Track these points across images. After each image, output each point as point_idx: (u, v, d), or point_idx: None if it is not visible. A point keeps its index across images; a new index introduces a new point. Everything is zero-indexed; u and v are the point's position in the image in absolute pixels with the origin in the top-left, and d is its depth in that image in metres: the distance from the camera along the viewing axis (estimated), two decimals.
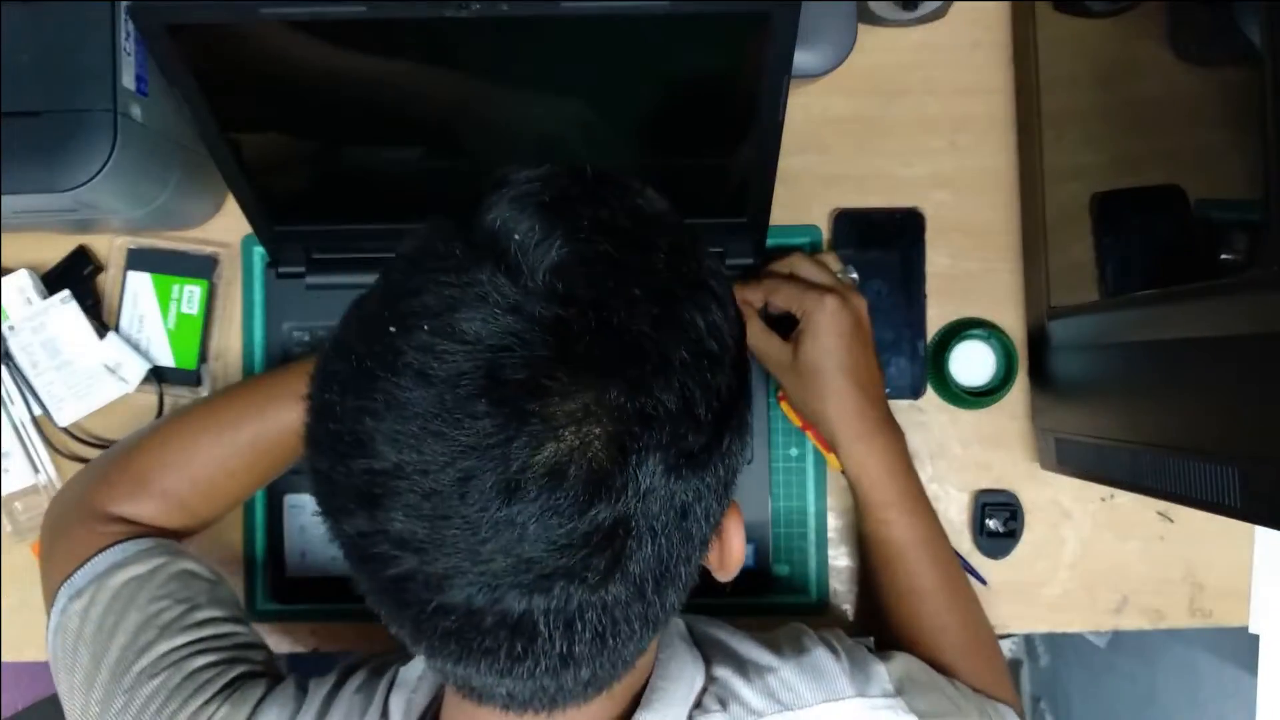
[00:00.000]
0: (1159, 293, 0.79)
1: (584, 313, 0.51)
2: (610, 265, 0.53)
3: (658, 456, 0.52)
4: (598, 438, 0.50)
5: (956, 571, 0.98)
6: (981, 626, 0.98)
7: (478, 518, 0.50)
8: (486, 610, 0.52)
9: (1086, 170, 0.95)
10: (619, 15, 0.78)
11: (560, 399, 0.49)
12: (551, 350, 0.50)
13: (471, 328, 0.50)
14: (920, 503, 0.97)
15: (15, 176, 0.86)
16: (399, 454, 0.50)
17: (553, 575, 0.51)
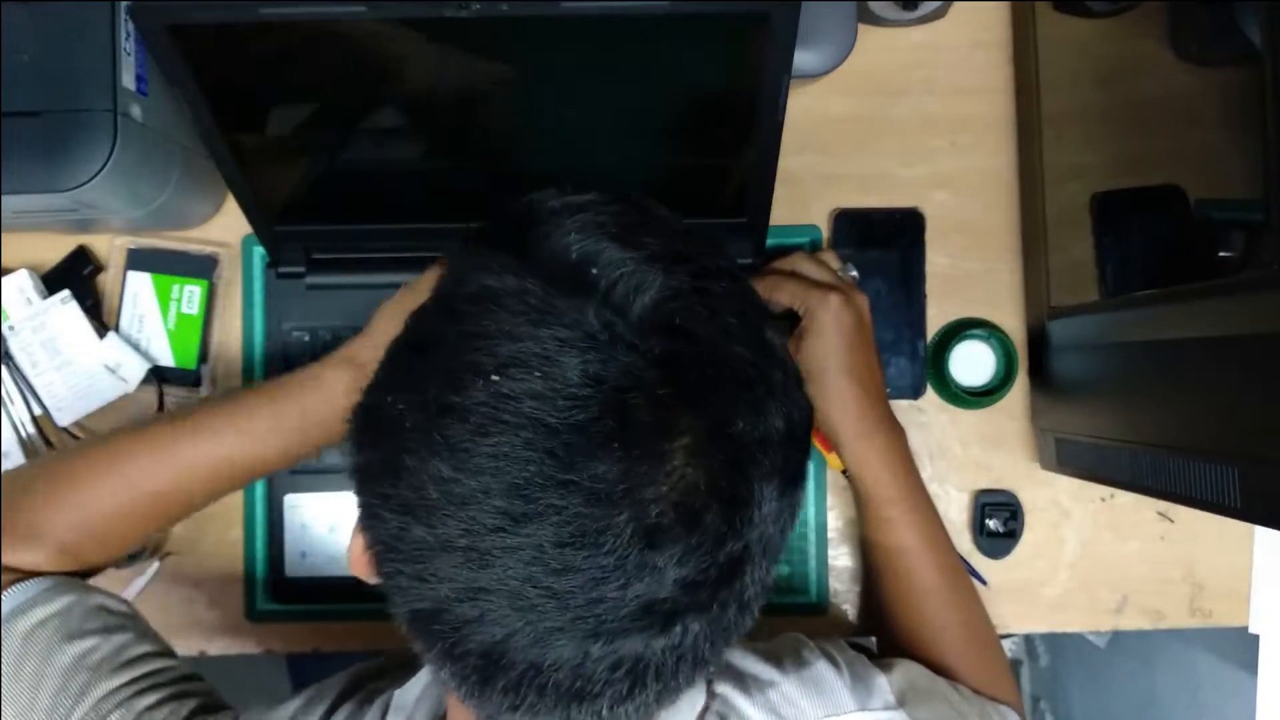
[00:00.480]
0: (1159, 293, 0.79)
1: (693, 345, 0.50)
2: (699, 294, 0.52)
3: (775, 481, 0.52)
4: (722, 470, 0.50)
5: (959, 571, 0.98)
6: (983, 625, 0.98)
7: (614, 566, 0.48)
8: (599, 659, 0.50)
9: (1086, 170, 0.95)
10: (619, 15, 0.78)
11: (684, 435, 0.49)
12: (670, 386, 0.48)
13: (591, 369, 0.48)
14: (923, 501, 0.97)
15: (15, 176, 0.86)
16: (511, 507, 0.48)
17: (679, 613, 0.50)
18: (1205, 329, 0.72)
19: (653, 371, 0.48)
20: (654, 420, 0.48)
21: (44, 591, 0.78)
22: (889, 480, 0.95)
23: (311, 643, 1.08)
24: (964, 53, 1.13)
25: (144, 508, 0.88)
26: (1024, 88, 1.09)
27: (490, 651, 0.51)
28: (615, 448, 0.47)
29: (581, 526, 0.47)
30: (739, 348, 0.52)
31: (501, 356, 0.49)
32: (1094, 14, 0.93)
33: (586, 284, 0.50)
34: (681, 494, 0.48)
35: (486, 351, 0.49)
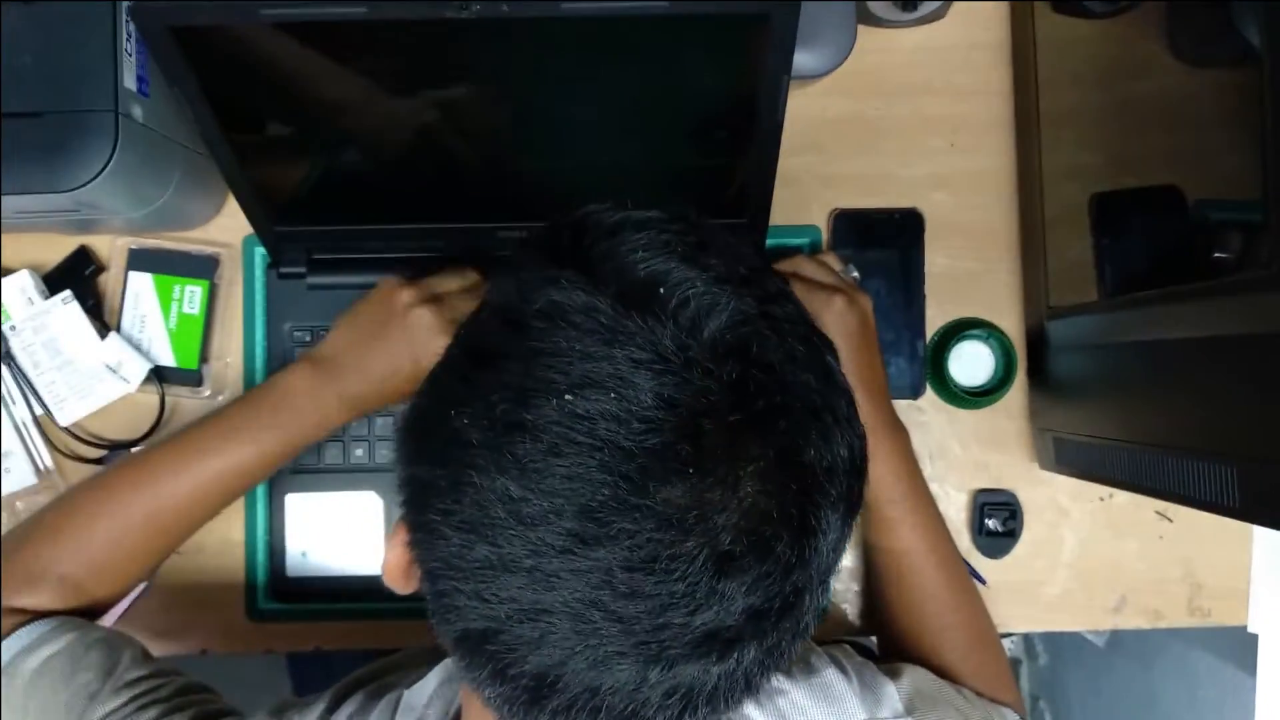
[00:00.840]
0: (1157, 293, 0.80)
1: (764, 371, 0.49)
2: (767, 319, 0.51)
3: (840, 509, 0.51)
4: (794, 499, 0.49)
5: (961, 572, 0.99)
6: (985, 626, 0.98)
7: (684, 593, 0.47)
8: (656, 684, 0.50)
9: (1085, 171, 0.95)
10: (619, 16, 0.78)
11: (755, 461, 0.48)
12: (742, 411, 0.48)
13: (665, 392, 0.47)
14: (926, 503, 0.98)
15: (17, 177, 0.86)
16: (581, 529, 0.47)
17: (740, 640, 0.50)
18: (1203, 329, 0.72)
19: (726, 396, 0.48)
20: (727, 446, 0.47)
21: (48, 632, 0.81)
22: (893, 481, 0.95)
23: (312, 642, 1.09)
24: (963, 53, 1.13)
25: (140, 535, 0.90)
26: (1023, 88, 1.09)
27: (545, 674, 0.50)
28: (690, 473, 0.46)
29: (653, 551, 0.47)
30: (806, 375, 0.51)
31: (574, 375, 0.48)
32: (1092, 15, 0.93)
33: (656, 303, 0.49)
34: (754, 522, 0.48)
35: (559, 369, 0.48)
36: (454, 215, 1.01)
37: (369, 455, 1.07)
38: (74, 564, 0.88)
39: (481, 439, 0.49)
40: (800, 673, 0.78)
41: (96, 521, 0.89)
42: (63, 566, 0.87)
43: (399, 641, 0.93)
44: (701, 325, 0.49)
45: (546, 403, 0.48)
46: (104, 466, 0.95)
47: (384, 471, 1.07)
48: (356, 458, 1.07)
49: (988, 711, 0.87)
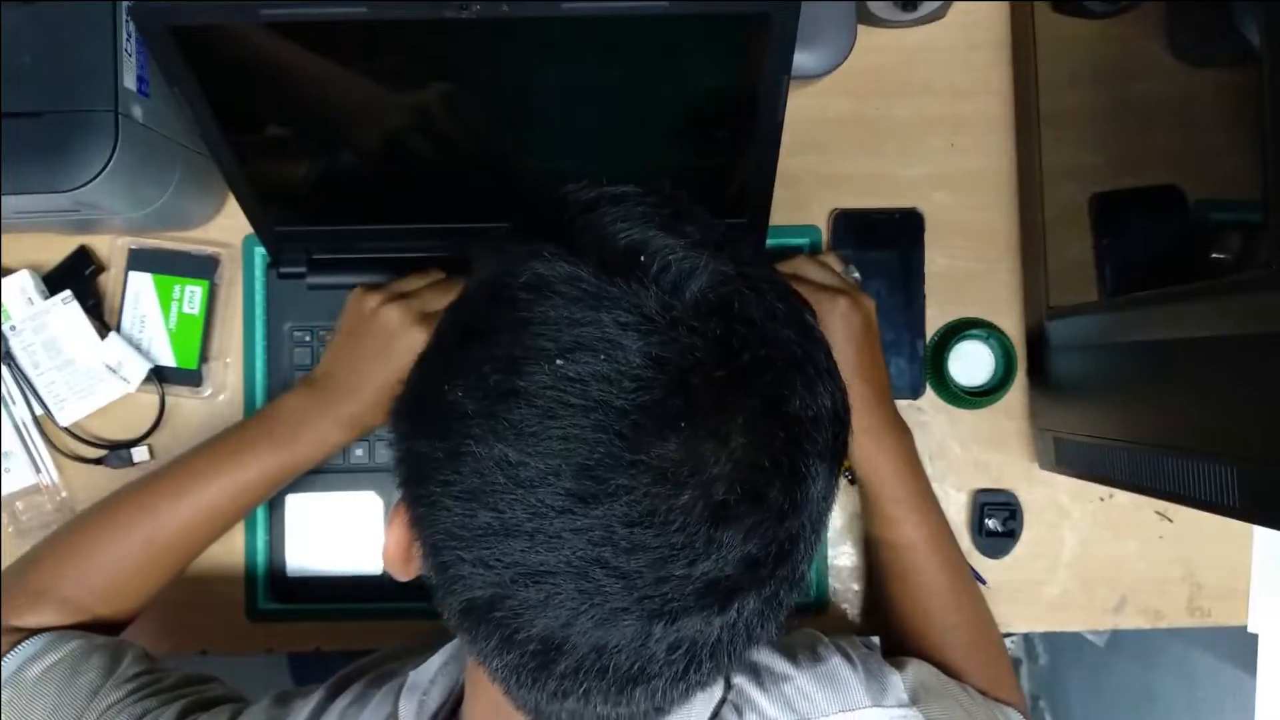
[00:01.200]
0: (1158, 293, 0.80)
1: (747, 326, 0.51)
2: (745, 279, 0.53)
3: (826, 458, 0.52)
4: (782, 447, 0.50)
5: (964, 571, 0.99)
6: (988, 626, 0.99)
7: (682, 544, 0.48)
8: (661, 639, 0.51)
9: (1085, 171, 0.95)
10: (619, 16, 0.79)
11: (743, 413, 0.49)
12: (728, 366, 0.49)
13: (653, 351, 0.48)
14: (929, 501, 0.98)
15: (16, 177, 0.87)
16: (580, 488, 0.48)
17: (739, 590, 0.51)
18: (1203, 329, 0.72)
19: (711, 352, 0.49)
20: (715, 399, 0.49)
21: (50, 642, 0.83)
22: (896, 481, 0.96)
23: (312, 642, 1.09)
24: (963, 53, 1.13)
25: (142, 559, 0.91)
26: (1023, 88, 1.09)
27: (551, 636, 0.51)
28: (681, 426, 0.48)
29: (651, 506, 0.48)
30: (786, 329, 0.53)
31: (564, 341, 0.49)
32: (1093, 15, 0.93)
33: (638, 269, 0.50)
34: (746, 471, 0.49)
35: (548, 336, 0.50)
36: (453, 215, 1.01)
37: (369, 455, 1.07)
38: (77, 587, 0.89)
39: (476, 408, 0.50)
40: (806, 660, 0.78)
41: (99, 545, 0.91)
42: (65, 588, 0.89)
43: (399, 641, 0.93)
44: (683, 286, 0.50)
45: (538, 368, 0.49)
46: (115, 491, 0.95)
47: (384, 472, 1.07)
48: (356, 458, 1.08)
49: (991, 710, 0.88)
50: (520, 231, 0.56)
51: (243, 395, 1.09)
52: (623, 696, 0.53)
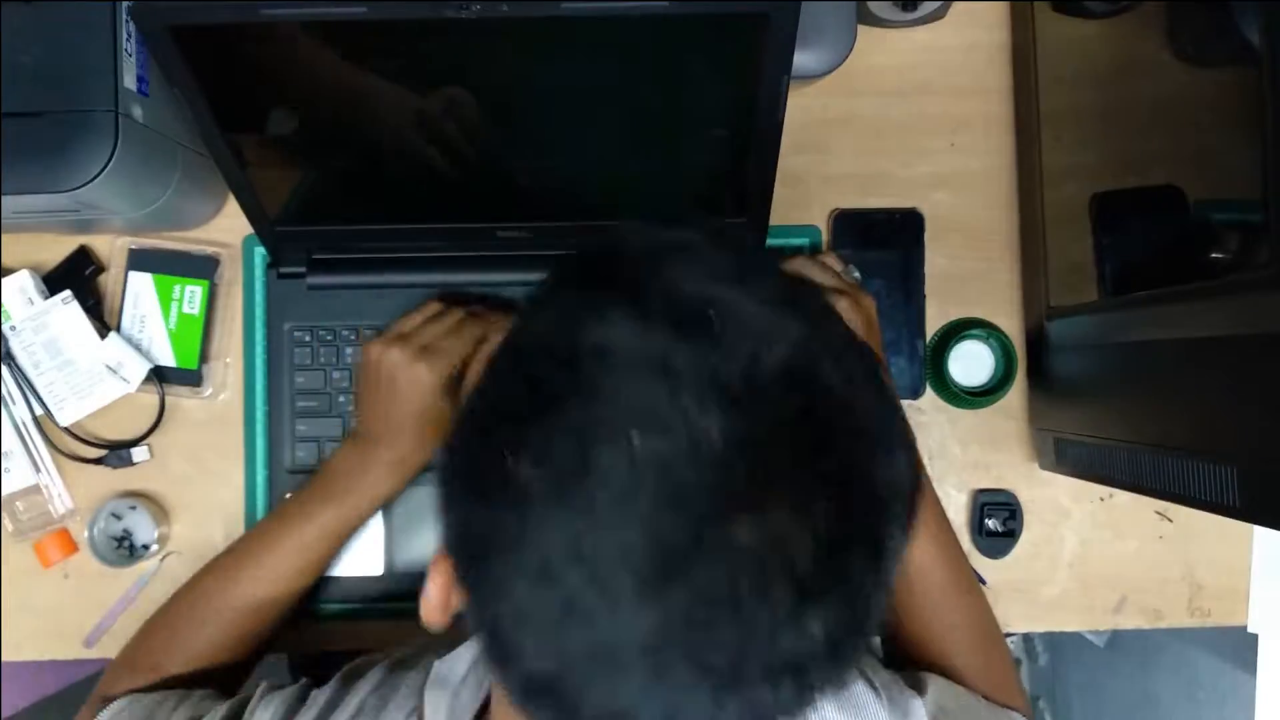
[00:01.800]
0: (1157, 293, 0.80)
1: (826, 395, 0.49)
2: (821, 341, 0.50)
3: (901, 526, 0.50)
4: (865, 523, 0.49)
5: (965, 570, 0.98)
6: (991, 627, 0.98)
7: (766, 627, 0.46)
8: (730, 712, 0.48)
9: (1085, 171, 0.95)
10: (619, 16, 0.79)
11: (825, 489, 0.47)
12: (811, 441, 0.47)
13: (733, 428, 0.46)
14: (933, 504, 0.98)
15: (17, 177, 0.87)
16: (656, 570, 0.45)
17: (814, 663, 0.49)
18: (1203, 329, 0.72)
19: (795, 426, 0.47)
20: (799, 475, 0.47)
21: (130, 700, 0.89)
22: None
23: (314, 643, 1.08)
24: (963, 54, 1.13)
25: (223, 623, 0.96)
26: (1023, 88, 1.09)
27: (618, 713, 0.48)
28: (763, 507, 0.45)
29: (732, 586, 0.45)
30: (864, 394, 0.50)
31: (639, 414, 0.46)
32: (1093, 15, 0.93)
33: (710, 333, 0.47)
34: (829, 548, 0.47)
35: (621, 409, 0.46)
36: (453, 215, 1.02)
37: None
38: (167, 656, 0.94)
39: (546, 485, 0.47)
40: None
41: (183, 615, 0.96)
42: (157, 658, 0.94)
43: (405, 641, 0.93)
44: (762, 355, 0.47)
45: (612, 445, 0.46)
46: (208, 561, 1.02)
47: None
48: None
49: (999, 718, 0.88)
50: (575, 279, 0.53)
51: (242, 395, 1.09)
52: None
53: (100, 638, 1.09)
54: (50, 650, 1.10)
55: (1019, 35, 1.11)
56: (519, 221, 1.02)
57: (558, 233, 1.02)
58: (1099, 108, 0.92)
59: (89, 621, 1.09)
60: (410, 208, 1.01)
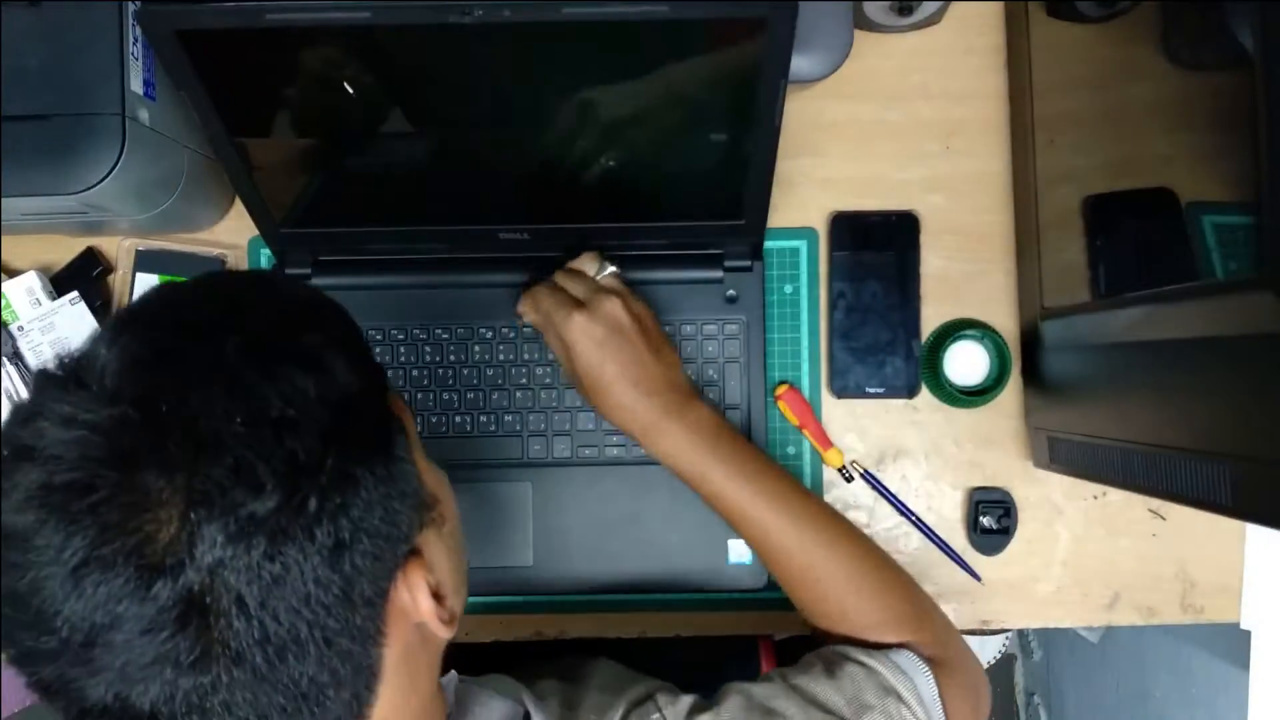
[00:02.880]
0: (1150, 294, 0.80)
1: (137, 407, 0.53)
2: (162, 359, 0.55)
3: (214, 527, 0.52)
4: (146, 521, 0.51)
5: (822, 522, 0.96)
6: (867, 567, 0.96)
7: (73, 614, 0.51)
8: (121, 710, 0.54)
9: (1079, 173, 0.96)
10: (619, 19, 0.80)
11: (111, 492, 0.51)
12: (103, 450, 0.52)
13: (39, 443, 0.52)
14: (747, 464, 0.96)
15: (24, 179, 0.87)
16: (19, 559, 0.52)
17: (153, 663, 0.52)
18: (1196, 330, 0.73)
19: (94, 438, 0.52)
20: (71, 482, 0.52)
21: None
22: (695, 460, 0.95)
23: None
24: (958, 57, 1.14)
25: None
26: (1018, 92, 1.10)
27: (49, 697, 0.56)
28: (42, 512, 0.52)
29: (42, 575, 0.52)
30: (185, 408, 0.54)
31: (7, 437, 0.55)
32: (1087, 19, 0.94)
33: (75, 368, 0.56)
34: (107, 548, 0.51)
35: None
36: (455, 217, 1.02)
37: None
38: None
39: None
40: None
41: None
42: None
43: None
44: (99, 377, 0.54)
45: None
46: None
47: None
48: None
49: (843, 678, 0.85)
50: None
51: None
52: None
53: None
54: None
55: (1014, 39, 1.11)
56: (520, 224, 1.03)
57: (557, 235, 1.03)
58: (1093, 111, 0.92)
59: None
60: (413, 210, 1.02)
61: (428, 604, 0.64)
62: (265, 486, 0.53)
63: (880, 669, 0.85)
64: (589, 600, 1.09)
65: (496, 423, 1.09)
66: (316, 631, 0.57)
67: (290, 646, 0.56)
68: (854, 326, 1.11)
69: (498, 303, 1.08)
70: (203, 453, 0.52)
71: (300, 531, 0.54)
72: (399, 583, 0.63)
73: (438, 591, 0.66)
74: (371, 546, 0.59)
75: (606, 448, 1.08)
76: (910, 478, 1.12)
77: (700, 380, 1.09)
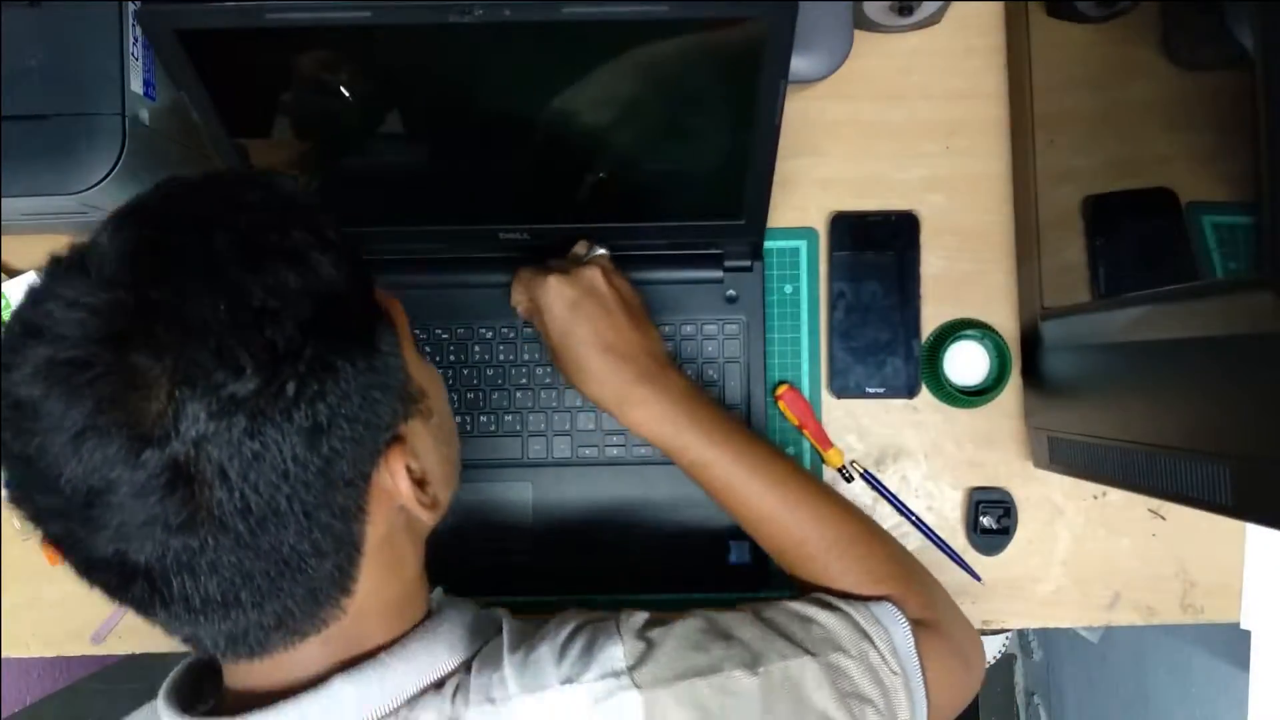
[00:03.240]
0: (1150, 294, 0.80)
1: (131, 293, 0.57)
2: (155, 250, 0.60)
3: (198, 404, 0.57)
4: (136, 396, 0.56)
5: (798, 485, 0.95)
6: (845, 527, 0.95)
7: (74, 476, 0.56)
8: (121, 564, 0.59)
9: (1079, 173, 0.96)
10: (619, 19, 0.80)
11: (106, 369, 0.56)
12: (100, 331, 0.56)
13: (47, 323, 0.57)
14: (725, 433, 0.95)
15: (24, 179, 0.87)
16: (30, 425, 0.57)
17: (146, 524, 0.57)
18: (1196, 330, 0.73)
19: (90, 318, 0.57)
20: (72, 358, 0.56)
21: None
22: (672, 430, 0.94)
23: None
24: (958, 57, 1.14)
25: None
26: (1018, 92, 1.10)
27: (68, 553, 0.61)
28: (45, 385, 0.57)
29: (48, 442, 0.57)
30: (170, 294, 0.58)
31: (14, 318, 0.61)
32: (1087, 19, 0.94)
33: (80, 256, 0.61)
34: (103, 416, 0.56)
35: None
36: (456, 217, 1.02)
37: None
38: None
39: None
40: (532, 650, 0.76)
41: None
42: None
43: None
44: (100, 265, 0.59)
45: None
46: None
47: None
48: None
49: (807, 620, 0.83)
50: None
51: None
52: (176, 612, 0.63)
53: (107, 634, 1.10)
54: (58, 647, 1.11)
55: (1014, 39, 1.11)
56: (520, 224, 1.03)
57: (557, 234, 1.03)
58: (1093, 111, 0.92)
59: (96, 618, 1.10)
60: (413, 210, 1.02)
61: (407, 487, 0.69)
62: (245, 370, 0.57)
63: (855, 614, 0.84)
64: (589, 600, 1.09)
65: (496, 423, 1.09)
66: (296, 505, 0.61)
67: (271, 517, 0.60)
68: (854, 326, 1.11)
69: (498, 303, 1.08)
70: (188, 337, 0.57)
71: (279, 413, 0.59)
72: (381, 467, 0.68)
73: (422, 478, 0.71)
74: (350, 431, 0.63)
75: (606, 447, 1.08)
76: (910, 478, 1.12)
77: (700, 380, 1.09)
